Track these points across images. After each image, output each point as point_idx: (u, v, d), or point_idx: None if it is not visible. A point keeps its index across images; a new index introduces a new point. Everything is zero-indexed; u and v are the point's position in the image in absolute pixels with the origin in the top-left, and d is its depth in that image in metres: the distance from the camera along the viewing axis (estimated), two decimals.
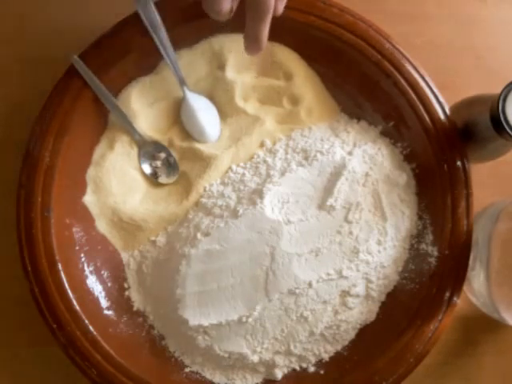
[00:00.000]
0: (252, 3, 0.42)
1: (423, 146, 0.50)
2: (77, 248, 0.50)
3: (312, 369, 0.50)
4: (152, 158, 0.52)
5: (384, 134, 0.53)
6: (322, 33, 0.51)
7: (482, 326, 0.54)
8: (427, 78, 0.50)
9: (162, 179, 0.53)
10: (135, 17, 0.49)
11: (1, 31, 0.55)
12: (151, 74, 0.53)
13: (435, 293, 0.48)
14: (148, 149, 0.52)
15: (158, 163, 0.52)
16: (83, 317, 0.48)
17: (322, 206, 0.49)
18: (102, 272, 0.51)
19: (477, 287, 0.50)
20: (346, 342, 0.51)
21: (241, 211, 0.48)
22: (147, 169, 0.52)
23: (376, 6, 0.57)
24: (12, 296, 0.52)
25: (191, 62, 0.53)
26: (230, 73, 0.53)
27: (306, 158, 0.50)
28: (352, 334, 0.51)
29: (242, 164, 0.52)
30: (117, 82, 0.51)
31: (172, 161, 0.53)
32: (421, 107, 0.50)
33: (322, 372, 0.50)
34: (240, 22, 0.52)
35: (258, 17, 0.43)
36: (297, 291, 0.47)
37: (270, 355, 0.49)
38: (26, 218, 0.48)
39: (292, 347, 0.49)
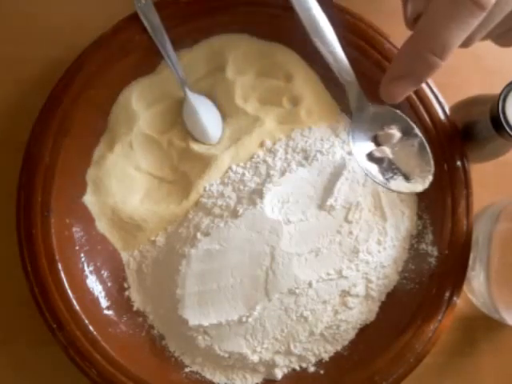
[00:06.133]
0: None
1: None
2: (77, 248, 0.50)
3: (312, 369, 0.50)
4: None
5: None
6: None
7: (481, 326, 0.54)
8: None
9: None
10: (135, 17, 0.49)
11: (0, 31, 0.55)
12: (151, 74, 0.53)
13: (435, 293, 0.48)
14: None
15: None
16: (83, 317, 0.48)
17: (321, 205, 0.49)
18: (102, 272, 0.51)
19: (477, 287, 0.50)
20: (346, 342, 0.50)
21: (241, 211, 0.48)
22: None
23: (376, 6, 0.57)
24: (12, 296, 0.52)
25: (191, 62, 0.53)
26: (230, 73, 0.53)
27: (306, 158, 0.50)
28: (352, 334, 0.51)
29: (241, 164, 0.52)
30: (117, 82, 0.51)
31: None
32: (421, 107, 0.50)
33: (322, 372, 0.50)
34: (240, 23, 0.52)
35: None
36: (297, 291, 0.47)
37: (270, 355, 0.49)
38: (25, 218, 0.48)
39: (292, 347, 0.49)
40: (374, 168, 0.40)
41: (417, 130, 0.39)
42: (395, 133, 0.40)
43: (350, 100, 0.40)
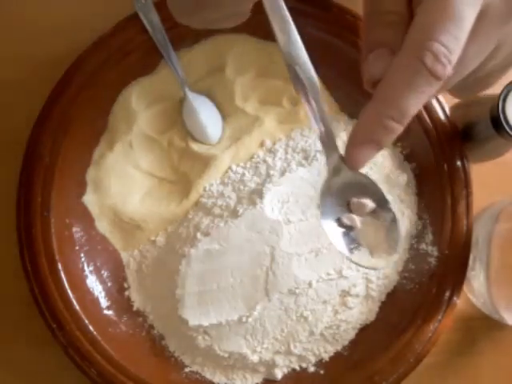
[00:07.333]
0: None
1: (423, 145, 0.50)
2: (77, 248, 0.50)
3: (312, 369, 0.50)
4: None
5: None
6: (322, 33, 0.51)
7: (481, 326, 0.54)
8: None
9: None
10: (135, 17, 0.49)
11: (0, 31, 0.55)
12: (151, 74, 0.53)
13: (435, 293, 0.48)
14: None
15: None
16: (83, 317, 0.48)
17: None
18: (102, 272, 0.51)
19: (477, 287, 0.50)
20: (346, 342, 0.50)
21: (241, 211, 0.48)
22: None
23: None
24: (12, 296, 0.52)
25: (191, 61, 0.53)
26: (230, 73, 0.53)
27: (306, 158, 0.50)
28: (352, 334, 0.51)
29: (241, 164, 0.52)
30: (117, 82, 0.51)
31: None
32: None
33: (321, 372, 0.50)
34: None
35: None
36: (297, 291, 0.47)
37: (270, 355, 0.49)
38: (25, 217, 0.48)
39: (292, 347, 0.49)
40: (340, 234, 0.37)
41: (391, 205, 0.37)
42: (368, 203, 0.37)
43: (327, 161, 0.36)
